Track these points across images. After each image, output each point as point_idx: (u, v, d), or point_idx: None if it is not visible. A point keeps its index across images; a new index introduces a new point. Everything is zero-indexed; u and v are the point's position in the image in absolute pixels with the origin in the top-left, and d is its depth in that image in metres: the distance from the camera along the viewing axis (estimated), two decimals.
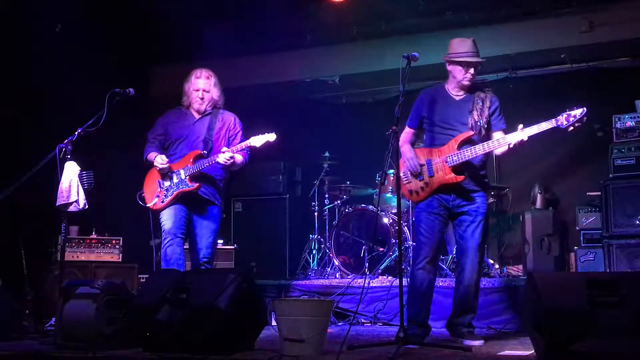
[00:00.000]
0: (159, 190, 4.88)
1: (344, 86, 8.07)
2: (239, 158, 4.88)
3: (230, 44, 7.22)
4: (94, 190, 4.71)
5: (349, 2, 6.78)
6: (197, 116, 5.02)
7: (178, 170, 4.83)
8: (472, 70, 4.40)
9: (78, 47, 6.38)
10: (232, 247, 7.14)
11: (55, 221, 4.75)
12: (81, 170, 4.62)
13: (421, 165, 4.40)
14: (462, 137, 4.33)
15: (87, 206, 4.63)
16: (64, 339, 3.96)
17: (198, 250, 4.84)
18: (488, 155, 4.41)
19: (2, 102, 6.19)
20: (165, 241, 4.78)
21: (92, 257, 6.24)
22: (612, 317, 3.09)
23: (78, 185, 4.57)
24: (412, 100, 4.58)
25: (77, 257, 6.20)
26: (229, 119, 5.04)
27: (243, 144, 4.75)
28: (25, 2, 6.08)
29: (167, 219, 4.81)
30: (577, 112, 4.10)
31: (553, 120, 4.16)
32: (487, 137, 4.40)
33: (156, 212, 4.90)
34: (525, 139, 4.18)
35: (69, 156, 4.54)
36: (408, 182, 4.46)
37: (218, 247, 6.99)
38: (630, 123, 6.03)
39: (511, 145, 4.21)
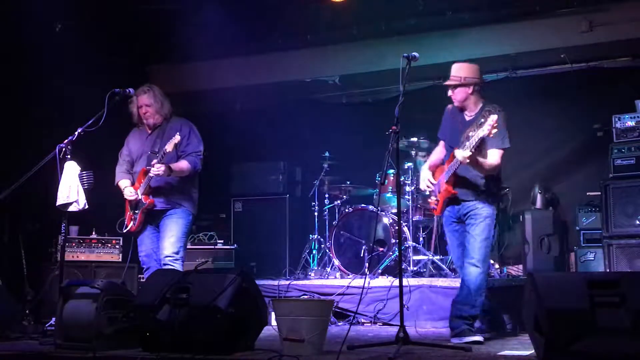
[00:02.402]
0: (130, 214, 5.04)
1: (344, 86, 8.07)
2: (181, 165, 4.93)
3: (230, 44, 7.22)
4: (94, 190, 4.71)
5: (349, 2, 6.78)
6: (149, 131, 5.13)
7: (137, 192, 4.96)
8: (449, 92, 4.67)
9: (78, 47, 6.38)
10: (232, 247, 7.14)
11: (55, 221, 4.74)
12: (81, 170, 4.62)
13: (433, 184, 4.70)
14: (452, 154, 4.47)
15: (87, 206, 4.63)
16: (64, 339, 3.96)
17: (161, 249, 4.93)
18: (481, 172, 4.47)
19: (1, 102, 6.19)
20: (145, 269, 5.10)
21: (92, 257, 6.25)
22: (612, 317, 3.09)
23: (78, 185, 4.57)
24: (412, 100, 4.61)
25: (77, 257, 6.20)
26: (176, 127, 5.02)
27: (162, 154, 4.79)
28: (25, 2, 6.08)
29: (141, 247, 5.08)
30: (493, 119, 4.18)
31: (484, 127, 4.21)
32: (482, 154, 4.43)
33: (135, 234, 5.09)
34: (461, 157, 4.26)
35: (68, 156, 4.54)
36: (430, 200, 4.82)
37: (218, 247, 7.04)
38: (630, 123, 6.04)
39: (458, 163, 4.37)
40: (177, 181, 4.99)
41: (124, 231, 5.05)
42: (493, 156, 4.41)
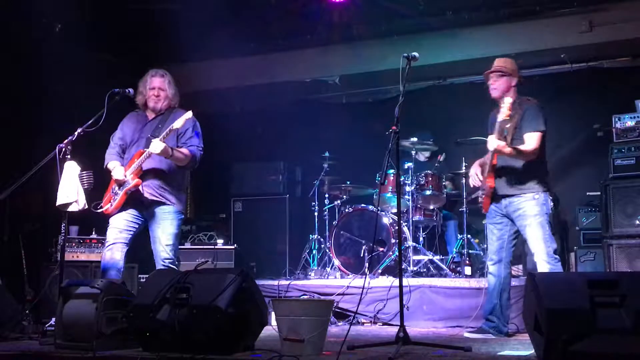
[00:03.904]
0: (110, 194, 4.84)
1: (344, 86, 8.08)
2: (183, 150, 4.77)
3: (230, 44, 7.22)
4: (94, 190, 4.70)
5: (348, 2, 6.78)
6: (150, 117, 4.99)
7: (126, 173, 4.78)
8: (490, 82, 4.77)
9: (78, 47, 6.37)
10: (232, 247, 7.13)
11: (55, 221, 4.74)
12: (81, 170, 4.61)
13: (481, 180, 4.80)
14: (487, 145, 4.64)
15: (86, 206, 4.62)
16: (64, 339, 3.96)
17: (159, 253, 4.78)
18: (519, 159, 4.60)
19: (2, 102, 6.19)
20: (106, 245, 4.78)
21: (92, 257, 6.23)
22: (612, 317, 3.09)
23: (78, 185, 4.57)
24: (411, 100, 4.62)
25: (77, 257, 6.19)
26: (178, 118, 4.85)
27: (167, 129, 4.63)
28: (25, 3, 6.08)
29: (111, 225, 4.80)
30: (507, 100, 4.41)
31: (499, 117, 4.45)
32: (520, 141, 4.59)
33: (109, 216, 4.85)
34: (492, 145, 4.48)
35: (68, 156, 4.53)
36: (479, 198, 4.89)
37: (218, 247, 7.03)
38: (630, 123, 6.04)
39: (493, 149, 4.52)
40: (170, 172, 4.82)
41: (98, 210, 4.80)
42: (529, 139, 4.53)
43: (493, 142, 4.47)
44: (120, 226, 4.77)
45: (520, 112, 4.60)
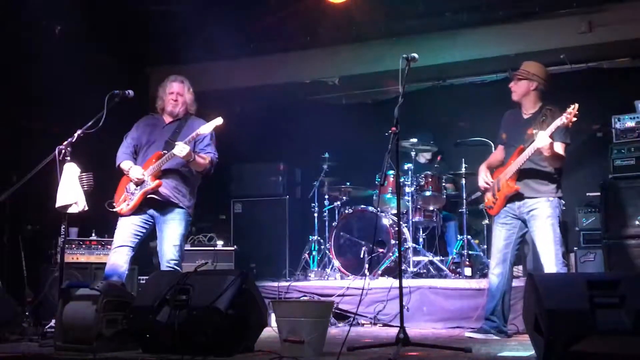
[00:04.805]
0: (126, 194, 4.85)
1: (343, 87, 8.07)
2: (204, 155, 4.84)
3: (229, 45, 7.22)
4: (93, 192, 4.70)
5: (348, 3, 6.79)
6: (167, 120, 5.05)
7: (144, 172, 4.80)
8: (511, 84, 4.77)
9: (77, 49, 6.38)
10: (232, 248, 7.13)
11: (55, 223, 4.74)
12: (81, 172, 4.61)
13: (492, 182, 4.81)
14: (517, 150, 4.61)
15: (86, 208, 4.62)
16: (64, 341, 3.96)
17: (165, 253, 4.79)
18: (551, 163, 4.59)
19: (2, 103, 6.19)
20: (112, 247, 4.82)
21: (92, 259, 6.24)
22: (612, 317, 3.09)
23: (78, 187, 4.56)
24: (411, 101, 4.60)
25: (77, 258, 6.19)
26: (198, 124, 4.91)
27: (194, 133, 4.72)
28: (25, 4, 6.08)
29: (119, 228, 4.83)
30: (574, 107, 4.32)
31: (563, 116, 4.34)
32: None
33: (123, 216, 4.85)
34: (546, 142, 4.34)
35: (68, 158, 4.53)
36: (486, 200, 4.88)
37: (218, 248, 7.03)
38: (630, 123, 6.04)
39: (543, 151, 4.41)
40: (186, 175, 4.89)
41: (113, 210, 4.83)
42: (558, 149, 4.52)
43: (546, 139, 4.35)
44: (129, 230, 4.80)
45: (551, 120, 4.53)
